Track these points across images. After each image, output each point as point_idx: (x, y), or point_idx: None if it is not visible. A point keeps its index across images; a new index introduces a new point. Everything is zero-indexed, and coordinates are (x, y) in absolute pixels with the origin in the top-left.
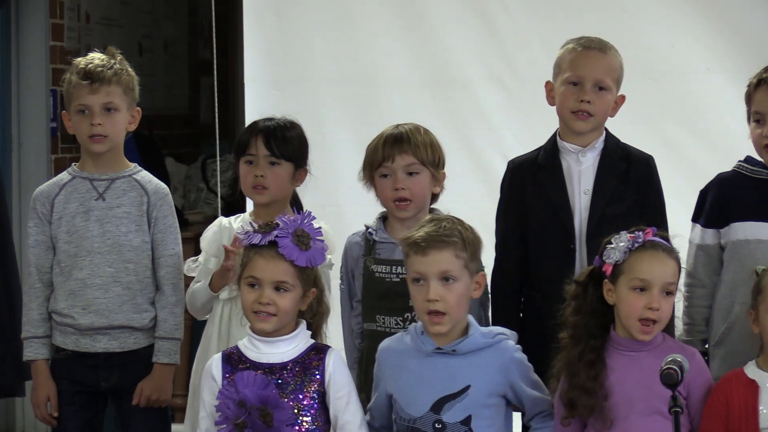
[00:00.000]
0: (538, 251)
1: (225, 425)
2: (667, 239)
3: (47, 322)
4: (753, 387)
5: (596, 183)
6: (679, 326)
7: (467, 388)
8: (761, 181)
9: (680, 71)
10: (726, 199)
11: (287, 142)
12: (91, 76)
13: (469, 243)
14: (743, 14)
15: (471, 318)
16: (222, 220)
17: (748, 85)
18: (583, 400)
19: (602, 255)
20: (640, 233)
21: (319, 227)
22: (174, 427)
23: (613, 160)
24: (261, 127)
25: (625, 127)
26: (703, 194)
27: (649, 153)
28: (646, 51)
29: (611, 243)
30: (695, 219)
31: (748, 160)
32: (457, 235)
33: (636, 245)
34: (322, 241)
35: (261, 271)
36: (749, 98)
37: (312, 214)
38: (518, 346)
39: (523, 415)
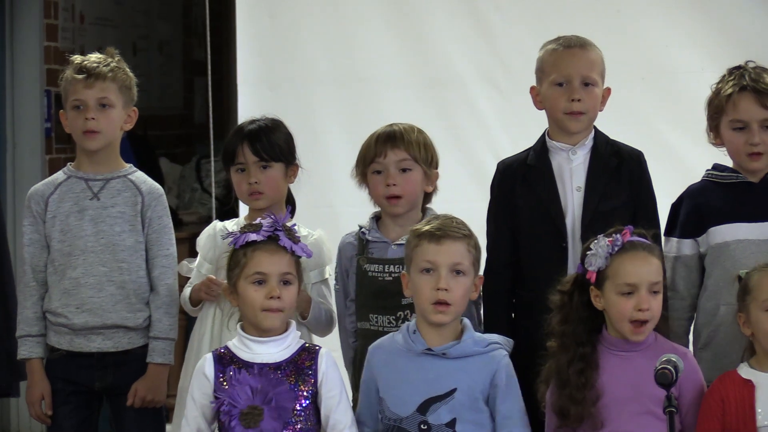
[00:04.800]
0: (530, 251)
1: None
2: (644, 236)
3: (42, 321)
4: (749, 386)
5: (588, 179)
6: (671, 326)
7: (453, 390)
8: (732, 185)
9: (674, 71)
10: (700, 208)
11: (273, 144)
12: (86, 70)
13: (477, 243)
14: (736, 14)
15: (467, 322)
16: (216, 224)
17: (717, 93)
18: (574, 409)
19: (584, 262)
20: (618, 235)
21: (294, 224)
22: (169, 427)
23: (603, 156)
24: (245, 133)
25: (618, 127)
26: (675, 207)
27: (641, 151)
28: (640, 51)
29: (591, 249)
30: (669, 233)
31: (716, 167)
32: (468, 231)
33: (616, 248)
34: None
35: (268, 265)
36: (721, 106)
37: (290, 215)
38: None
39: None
